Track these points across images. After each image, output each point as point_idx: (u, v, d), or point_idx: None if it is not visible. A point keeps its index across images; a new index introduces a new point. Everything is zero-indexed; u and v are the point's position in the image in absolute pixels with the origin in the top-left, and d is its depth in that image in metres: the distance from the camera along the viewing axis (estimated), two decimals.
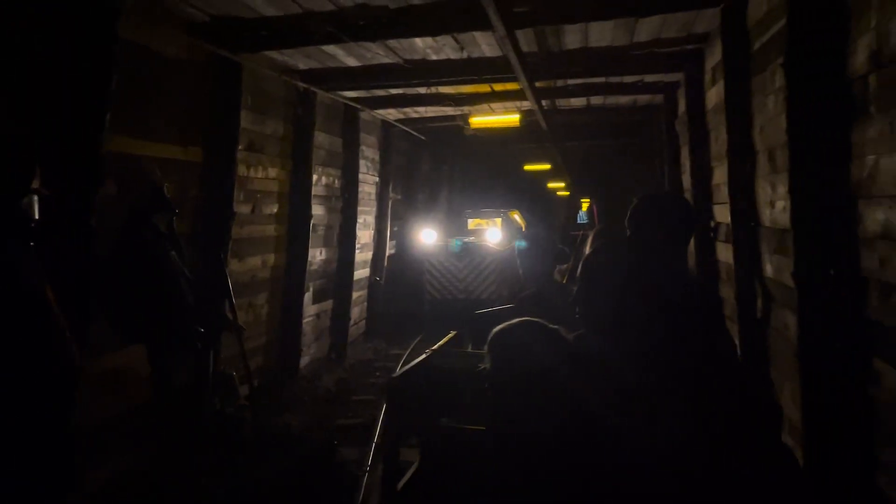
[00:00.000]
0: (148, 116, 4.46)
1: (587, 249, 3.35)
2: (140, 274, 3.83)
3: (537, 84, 6.59)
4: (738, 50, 4.55)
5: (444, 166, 14.61)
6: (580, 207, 21.62)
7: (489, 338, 2.05)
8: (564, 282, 4.75)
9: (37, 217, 2.94)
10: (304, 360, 7.19)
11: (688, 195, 6.21)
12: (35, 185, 2.90)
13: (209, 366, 4.28)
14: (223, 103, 5.27)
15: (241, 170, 5.57)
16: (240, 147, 5.47)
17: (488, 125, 8.37)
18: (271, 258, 6.42)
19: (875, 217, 2.66)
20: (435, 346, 3.43)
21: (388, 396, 3.01)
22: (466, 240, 11.12)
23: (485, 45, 5.77)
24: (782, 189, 3.55)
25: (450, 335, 3.77)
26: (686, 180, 6.62)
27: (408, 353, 8.24)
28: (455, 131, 9.86)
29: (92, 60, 3.77)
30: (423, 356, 3.17)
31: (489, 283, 10.39)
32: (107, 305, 3.82)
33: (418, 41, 5.54)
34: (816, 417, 3.10)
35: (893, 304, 2.56)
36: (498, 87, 7.30)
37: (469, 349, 3.71)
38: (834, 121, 2.96)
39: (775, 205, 3.87)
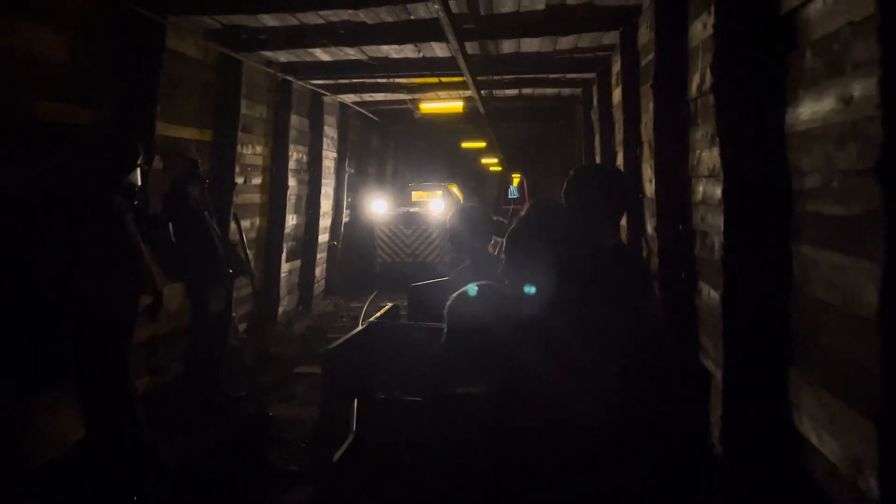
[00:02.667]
0: (177, 105, 5.62)
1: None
2: (183, 228, 5.08)
3: (478, 78, 7.96)
4: (632, 63, 6.05)
5: (391, 143, 15.89)
6: (511, 182, 23.14)
7: (447, 303, 2.09)
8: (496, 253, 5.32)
9: (138, 184, 4.17)
10: (280, 310, 8.45)
11: None
12: (139, 161, 4.15)
13: (232, 300, 5.56)
14: (227, 93, 6.46)
15: (238, 148, 6.77)
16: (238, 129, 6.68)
17: (436, 111, 9.72)
18: (257, 221, 7.66)
19: (699, 189, 4.19)
20: (372, 318, 3.56)
21: (324, 367, 2.98)
22: (412, 210, 12.49)
23: (437, 48, 7.10)
24: (652, 170, 5.08)
25: (386, 307, 4.00)
26: (598, 160, 8.17)
27: (366, 306, 9.61)
28: (405, 113, 11.19)
29: (148, 65, 4.96)
30: (359, 329, 3.25)
31: (433, 248, 11.81)
32: (158, 251, 5.04)
33: (385, 45, 6.84)
34: (668, 323, 4.65)
35: (707, 244, 4.09)
36: (445, 79, 8.63)
37: (405, 320, 3.89)
38: (681, 126, 4.47)
39: (652, 182, 5.40)
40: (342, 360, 2.84)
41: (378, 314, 3.72)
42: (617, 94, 7.03)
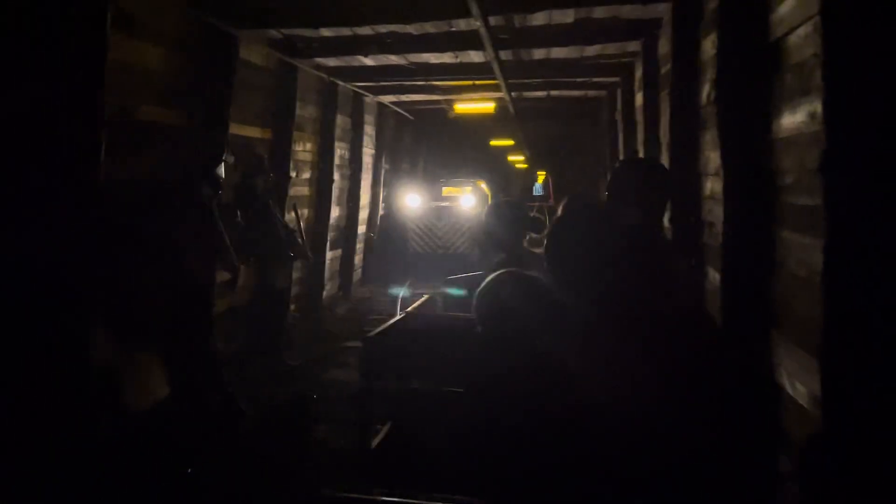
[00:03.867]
0: (244, 107, 6.34)
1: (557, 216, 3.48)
2: (251, 215, 5.80)
3: (510, 81, 8.60)
4: (652, 71, 6.63)
5: (423, 140, 16.59)
6: (536, 180, 23.66)
7: (477, 294, 2.08)
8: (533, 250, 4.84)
9: (223, 177, 4.88)
10: (324, 294, 9.17)
11: None
12: (225, 157, 4.86)
13: (292, 279, 6.28)
14: (284, 95, 7.18)
15: (293, 145, 7.48)
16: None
17: (469, 111, 10.37)
18: (305, 212, 8.37)
19: (707, 185, 4.79)
20: (409, 308, 3.62)
21: (363, 355, 2.98)
22: (443, 204, 13.17)
23: (474, 55, 7.73)
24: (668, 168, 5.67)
25: (423, 298, 4.07)
26: (614, 166, 8.76)
27: (401, 293, 10.30)
28: (438, 113, 11.87)
29: (223, 72, 5.68)
30: (398, 317, 3.31)
31: (464, 240, 12.48)
32: (230, 235, 5.76)
33: (426, 53, 7.50)
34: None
35: (713, 233, 4.69)
36: (479, 82, 9.28)
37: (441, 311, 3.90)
38: (692, 129, 5.06)
39: None
40: (381, 348, 2.88)
41: (416, 304, 3.77)
42: (639, 98, 7.60)
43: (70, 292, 4.07)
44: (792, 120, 3.12)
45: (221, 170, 4.84)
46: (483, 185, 16.09)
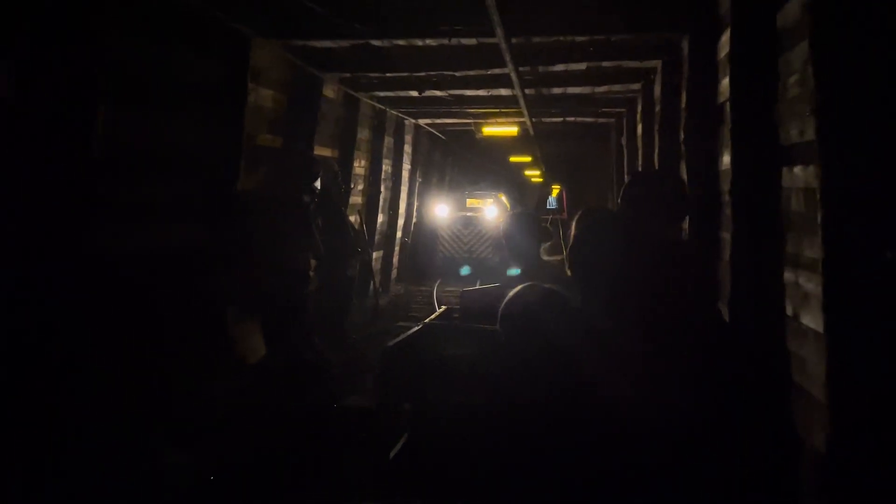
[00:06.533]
0: (322, 132, 7.96)
1: (573, 230, 3.35)
2: (328, 218, 7.39)
3: (532, 110, 10.17)
4: (649, 108, 8.18)
5: (450, 156, 18.23)
6: (551, 193, 25.14)
7: (503, 306, 2.10)
8: (547, 256, 4.97)
9: (319, 187, 6.48)
10: (369, 289, 10.75)
11: None
12: (320, 173, 6.46)
13: (358, 270, 7.88)
14: (349, 122, 8.80)
15: (353, 162, 9.11)
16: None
17: (495, 134, 11.98)
18: (357, 218, 9.97)
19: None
20: (427, 319, 3.65)
21: (381, 364, 2.99)
22: (468, 213, 14.79)
23: (503, 90, 9.32)
24: None
25: (441, 310, 4.19)
26: (626, 178, 10.32)
27: (435, 290, 11.90)
28: (467, 133, 13.49)
29: (311, 106, 7.30)
30: (417, 328, 3.28)
31: (486, 247, 14.09)
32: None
33: (464, 89, 9.12)
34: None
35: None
36: (505, 110, 10.88)
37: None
38: (676, 158, 6.60)
39: None
40: (399, 358, 2.95)
41: (434, 315, 3.95)
42: (639, 129, 9.15)
43: (214, 277, 5.69)
44: (728, 159, 4.68)
45: (318, 183, 6.43)
46: (503, 197, 17.68)
